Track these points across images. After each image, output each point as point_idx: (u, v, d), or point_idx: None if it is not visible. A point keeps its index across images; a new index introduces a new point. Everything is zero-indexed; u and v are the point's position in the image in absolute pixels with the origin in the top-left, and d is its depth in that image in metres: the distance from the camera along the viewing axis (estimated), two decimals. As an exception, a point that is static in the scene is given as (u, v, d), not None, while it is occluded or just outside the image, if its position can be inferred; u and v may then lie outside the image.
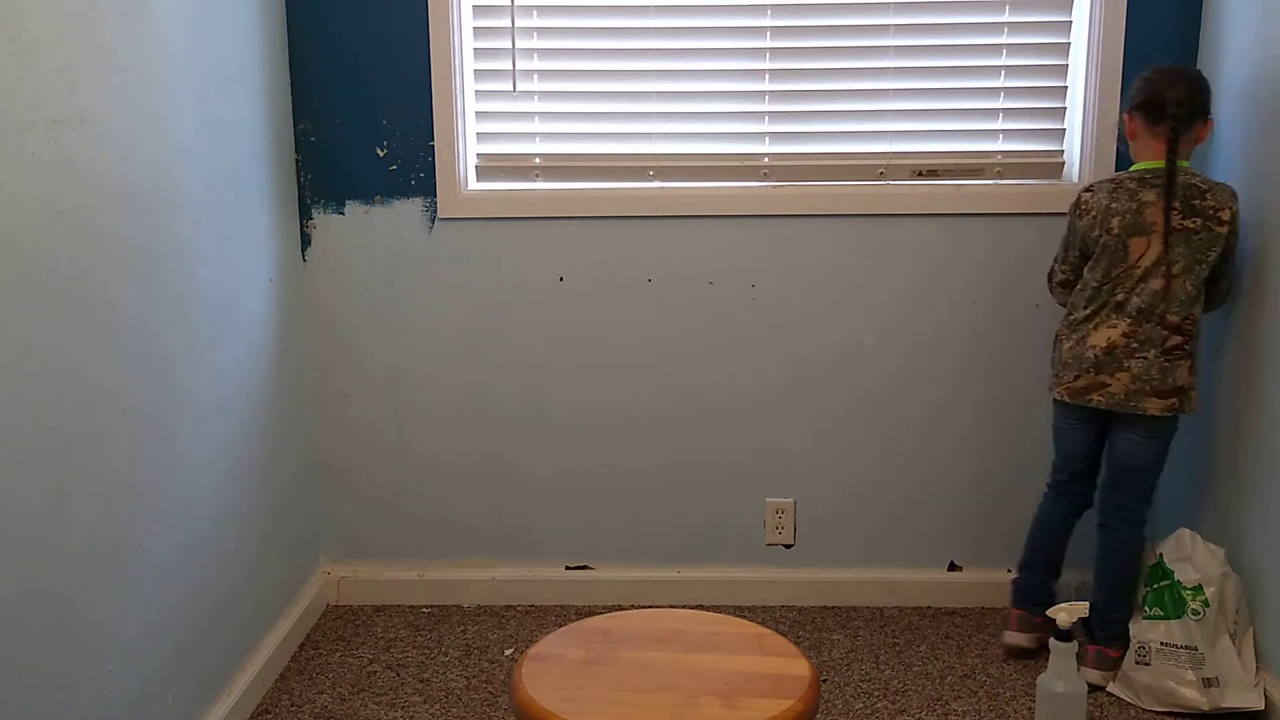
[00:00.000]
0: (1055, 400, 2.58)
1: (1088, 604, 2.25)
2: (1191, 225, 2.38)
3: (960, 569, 2.97)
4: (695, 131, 2.82)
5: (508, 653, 2.74)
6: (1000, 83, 2.77)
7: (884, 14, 2.74)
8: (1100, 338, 2.44)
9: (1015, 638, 2.67)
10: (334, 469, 2.97)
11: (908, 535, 2.97)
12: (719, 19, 2.77)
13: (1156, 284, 2.39)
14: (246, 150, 2.51)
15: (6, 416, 1.61)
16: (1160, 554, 2.50)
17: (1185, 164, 2.40)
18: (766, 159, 2.82)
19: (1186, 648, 2.39)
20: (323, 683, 2.60)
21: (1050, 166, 2.80)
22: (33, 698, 1.68)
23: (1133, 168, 2.47)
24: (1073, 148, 2.78)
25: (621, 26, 2.78)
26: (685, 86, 2.80)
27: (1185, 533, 2.53)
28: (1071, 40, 2.74)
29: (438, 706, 2.50)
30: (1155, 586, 2.47)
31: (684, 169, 2.82)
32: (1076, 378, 2.49)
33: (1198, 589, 2.40)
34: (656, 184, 2.83)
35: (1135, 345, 2.41)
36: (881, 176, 2.81)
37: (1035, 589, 2.67)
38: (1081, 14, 2.72)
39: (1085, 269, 2.50)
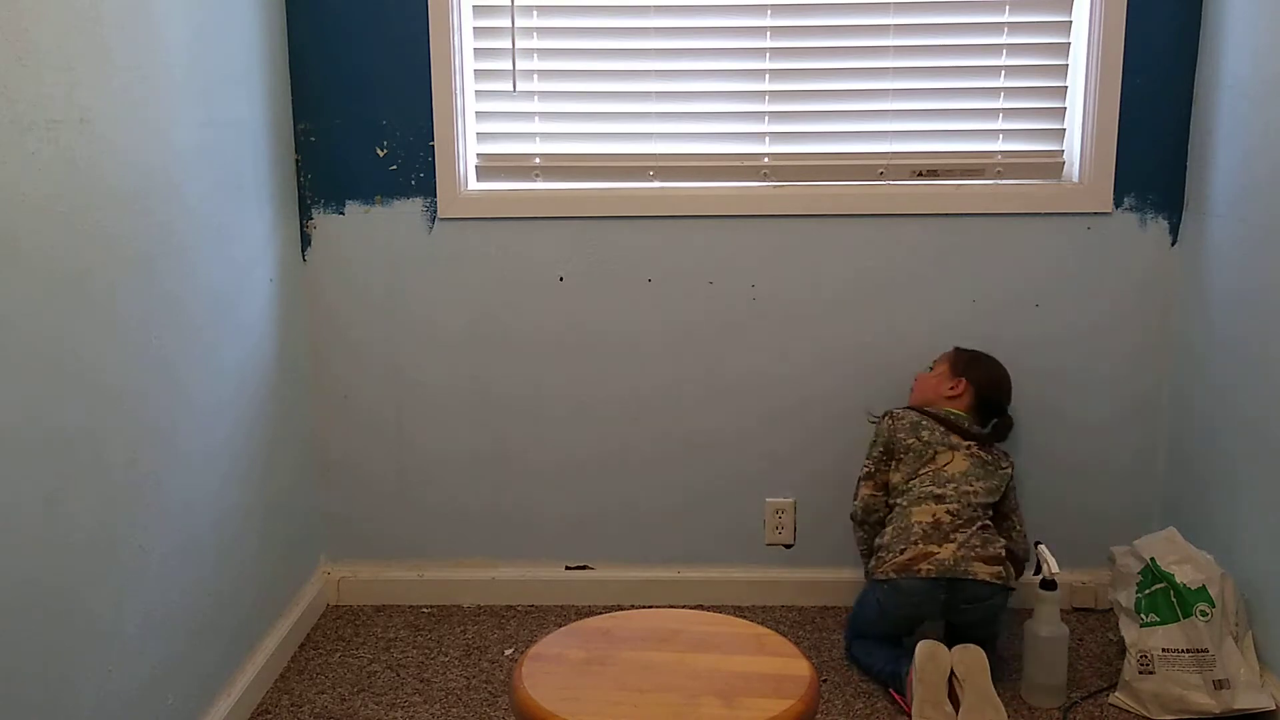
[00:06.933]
0: (880, 582, 2.51)
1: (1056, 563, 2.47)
2: (987, 457, 2.61)
3: (960, 569, 2.97)
4: (695, 131, 2.82)
5: (508, 653, 2.74)
6: (1000, 83, 2.77)
7: (884, 14, 2.74)
8: (924, 514, 2.52)
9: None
10: (334, 469, 2.97)
11: (908, 535, 2.96)
12: (719, 19, 2.77)
13: (966, 487, 2.55)
14: (246, 150, 2.51)
15: (7, 415, 1.61)
16: (1152, 558, 2.46)
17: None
18: (766, 159, 2.82)
19: (1191, 651, 2.35)
20: (323, 683, 2.60)
21: (1050, 166, 2.80)
22: (34, 698, 1.68)
23: (938, 408, 2.67)
24: (1073, 148, 2.78)
25: (621, 26, 2.78)
26: (685, 86, 2.80)
27: (1175, 534, 2.51)
28: (1071, 40, 2.74)
29: (438, 706, 2.50)
30: (1148, 592, 2.43)
31: (684, 169, 2.82)
32: (903, 551, 2.49)
33: (1202, 590, 2.37)
34: (656, 184, 2.83)
35: (960, 522, 2.50)
36: (881, 176, 2.81)
37: (896, 666, 2.49)
38: (1081, 14, 2.72)
39: (890, 471, 2.64)
